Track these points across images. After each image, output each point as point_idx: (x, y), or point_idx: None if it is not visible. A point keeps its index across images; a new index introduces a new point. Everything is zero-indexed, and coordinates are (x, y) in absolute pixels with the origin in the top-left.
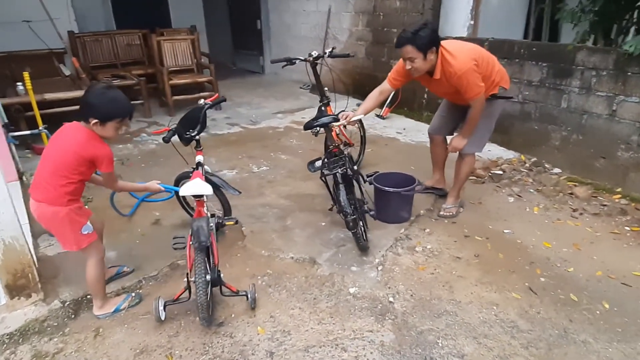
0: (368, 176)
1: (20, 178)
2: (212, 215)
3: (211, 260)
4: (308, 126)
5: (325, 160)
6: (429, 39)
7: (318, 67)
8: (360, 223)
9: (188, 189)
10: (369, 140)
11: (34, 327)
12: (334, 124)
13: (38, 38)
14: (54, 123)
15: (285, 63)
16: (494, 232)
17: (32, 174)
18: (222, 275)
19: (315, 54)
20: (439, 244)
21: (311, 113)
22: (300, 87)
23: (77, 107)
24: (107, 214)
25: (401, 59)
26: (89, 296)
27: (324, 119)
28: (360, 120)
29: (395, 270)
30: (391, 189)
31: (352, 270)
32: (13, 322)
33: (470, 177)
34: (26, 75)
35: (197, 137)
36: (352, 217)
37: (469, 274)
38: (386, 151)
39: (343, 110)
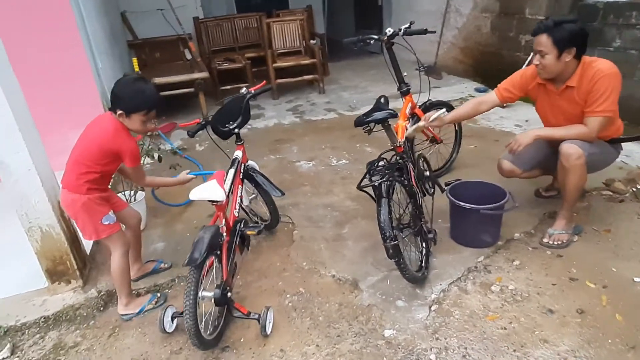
0: (447, 184)
1: None
2: (241, 222)
3: (219, 276)
4: (358, 122)
5: (373, 166)
6: (571, 36)
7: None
8: (422, 246)
9: (198, 193)
10: (476, 134)
11: (68, 313)
12: (403, 124)
13: (169, 25)
14: (169, 105)
15: (359, 43)
16: (617, 278)
17: None
18: (229, 294)
19: (389, 31)
20: (528, 285)
21: (422, 98)
22: (416, 69)
23: (187, 89)
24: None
25: (524, 67)
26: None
27: (378, 115)
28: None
29: (454, 314)
30: (467, 205)
31: (397, 305)
32: (52, 305)
33: (604, 192)
34: (135, 60)
35: (236, 130)
36: (393, 242)
37: (559, 338)
38: (494, 149)
39: (429, 103)
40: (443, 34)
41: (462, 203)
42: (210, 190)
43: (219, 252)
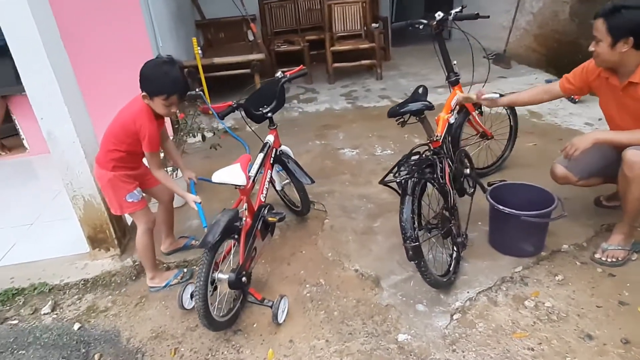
0: (489, 185)
1: None
2: (266, 208)
3: (236, 259)
4: (392, 113)
5: (403, 160)
6: (630, 24)
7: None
8: (452, 249)
9: (220, 175)
10: (538, 130)
11: (105, 279)
12: (445, 116)
13: (235, 6)
14: (227, 85)
15: (408, 28)
16: None
17: None
18: (243, 279)
19: (439, 15)
20: (569, 304)
21: (486, 87)
22: (484, 57)
23: (243, 70)
24: None
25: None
26: (157, 261)
27: (413, 106)
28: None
29: (478, 326)
30: (506, 210)
31: (417, 309)
32: (92, 270)
33: None
34: (194, 40)
35: (269, 114)
36: (414, 244)
37: None
38: (555, 149)
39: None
40: (516, 20)
41: (501, 207)
42: (232, 174)
43: (237, 236)
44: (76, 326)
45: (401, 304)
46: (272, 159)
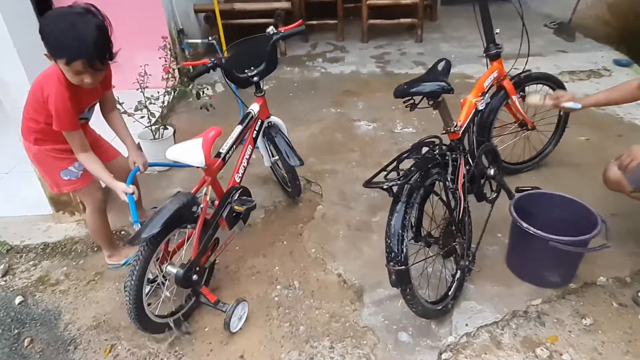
0: (518, 191)
1: None
2: (237, 192)
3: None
4: (398, 92)
5: (406, 156)
6: None
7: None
8: (455, 268)
9: (175, 152)
10: (593, 122)
11: (65, 246)
12: (474, 100)
13: None
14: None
15: None
16: None
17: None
18: (194, 276)
19: None
20: (594, 359)
21: (537, 63)
22: (545, 25)
23: (266, 19)
24: None
25: None
26: (122, 232)
27: (426, 86)
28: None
29: None
30: (531, 230)
31: (399, 338)
32: (55, 233)
33: None
34: None
35: (256, 78)
36: (399, 267)
37: None
38: (612, 147)
39: (525, 75)
40: None
41: (525, 225)
42: (188, 152)
43: (191, 226)
44: (18, 300)
45: (382, 328)
46: (255, 132)
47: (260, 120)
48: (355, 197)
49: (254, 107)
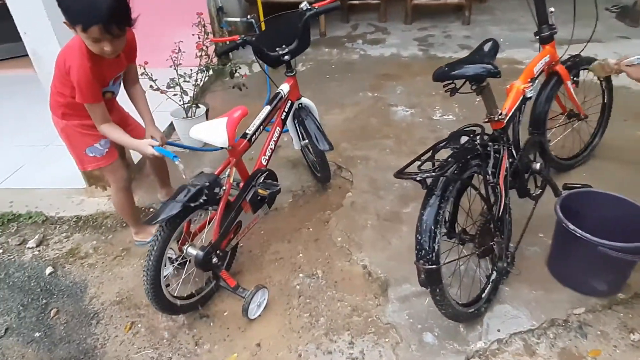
0: (566, 188)
1: None
2: (263, 175)
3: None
4: (438, 75)
5: (443, 145)
6: None
7: None
8: (491, 269)
9: (197, 131)
10: None
11: (97, 220)
12: (522, 86)
13: None
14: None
15: None
16: None
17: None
18: (214, 259)
19: None
20: None
21: (595, 50)
22: (606, 9)
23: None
24: None
25: None
26: (151, 209)
27: (469, 69)
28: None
29: None
30: (578, 232)
31: (423, 339)
32: (88, 207)
33: None
34: None
35: (287, 57)
36: (429, 266)
37: None
38: None
39: (577, 59)
40: None
41: (572, 227)
42: (211, 131)
43: (213, 208)
44: (48, 270)
45: (406, 326)
46: (284, 113)
47: (290, 102)
48: (386, 186)
49: (284, 88)
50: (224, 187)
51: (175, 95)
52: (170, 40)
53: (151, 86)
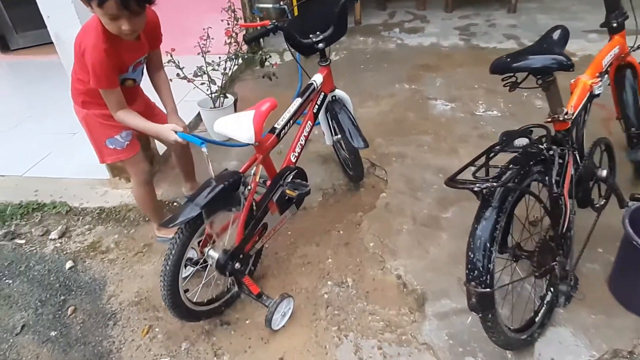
0: (634, 199)
1: None
2: (291, 173)
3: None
4: (497, 67)
5: (498, 147)
6: None
7: None
8: (547, 291)
9: (221, 125)
10: None
11: (119, 212)
12: (589, 81)
13: None
14: None
15: None
16: None
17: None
18: (237, 264)
19: None
20: None
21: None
22: None
23: None
24: None
25: None
26: (175, 203)
27: (535, 60)
28: None
29: None
30: None
31: None
32: (112, 199)
33: None
34: None
35: (321, 45)
36: (482, 290)
37: None
38: None
39: None
40: None
41: None
42: (237, 126)
43: (235, 208)
44: (68, 265)
45: (444, 348)
46: (316, 106)
47: (323, 94)
48: (424, 187)
49: (317, 78)
50: (249, 187)
51: (202, 84)
52: (197, 26)
53: (178, 74)
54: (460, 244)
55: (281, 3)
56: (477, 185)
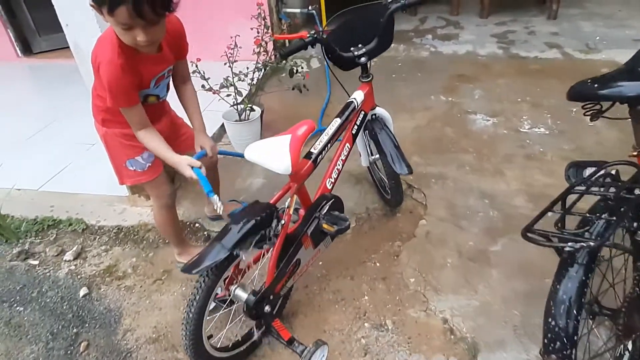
0: None
1: None
2: (328, 203)
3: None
4: (578, 92)
5: (580, 181)
6: None
7: None
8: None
9: (253, 151)
10: None
11: (138, 232)
12: None
13: None
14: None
15: None
16: None
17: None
18: (266, 307)
19: None
20: None
21: None
22: None
23: None
24: None
25: None
26: (197, 224)
27: (628, 87)
28: None
29: None
30: None
31: None
32: (130, 217)
33: None
34: None
35: (363, 59)
36: (557, 354)
37: None
38: None
39: None
40: None
41: None
42: (271, 155)
43: (267, 243)
44: (82, 292)
45: None
46: (355, 127)
47: (363, 113)
48: (468, 214)
49: (357, 96)
50: (282, 222)
51: (228, 95)
52: (223, 31)
53: (203, 86)
54: (514, 284)
55: (310, 8)
56: (570, 244)
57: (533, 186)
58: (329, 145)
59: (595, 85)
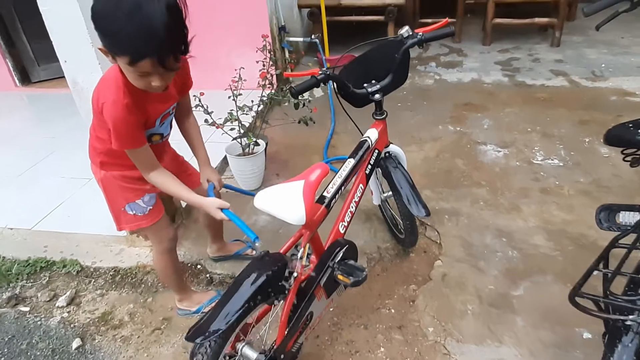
0: None
1: None
2: (342, 250)
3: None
4: (619, 137)
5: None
6: None
7: None
8: None
9: (263, 200)
10: None
11: (136, 275)
12: None
13: None
14: (355, 34)
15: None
16: None
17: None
18: None
19: None
20: None
21: None
22: None
23: (376, 17)
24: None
25: None
26: (199, 266)
27: None
28: None
29: None
30: None
31: None
32: (127, 258)
33: None
34: None
35: (377, 96)
36: None
37: None
38: None
39: None
40: None
41: None
42: (284, 203)
43: (278, 300)
44: (75, 344)
45: None
46: (369, 167)
47: (377, 151)
48: (486, 254)
49: (371, 134)
50: (294, 274)
51: (232, 129)
52: (226, 60)
53: (206, 120)
54: (540, 334)
55: (312, 37)
56: (632, 318)
57: (552, 223)
58: (342, 188)
59: (634, 128)
